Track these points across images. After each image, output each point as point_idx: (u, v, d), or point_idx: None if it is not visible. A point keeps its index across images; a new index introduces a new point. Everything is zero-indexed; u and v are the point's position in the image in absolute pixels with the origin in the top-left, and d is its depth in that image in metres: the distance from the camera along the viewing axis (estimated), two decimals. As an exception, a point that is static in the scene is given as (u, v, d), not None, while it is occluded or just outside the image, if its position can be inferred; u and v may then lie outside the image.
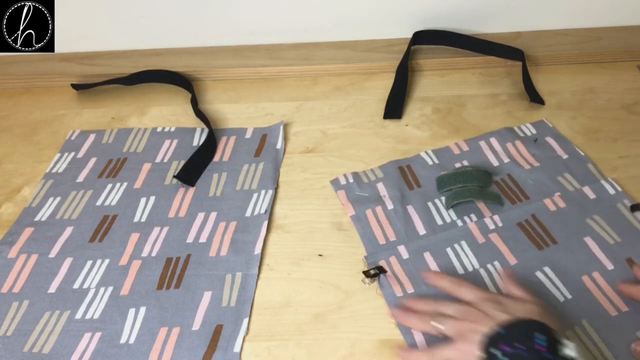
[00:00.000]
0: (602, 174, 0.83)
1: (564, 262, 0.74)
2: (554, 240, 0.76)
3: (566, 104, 0.96)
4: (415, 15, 1.07)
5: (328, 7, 1.07)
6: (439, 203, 0.82)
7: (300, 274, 0.75)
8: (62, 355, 0.70)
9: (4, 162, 0.95)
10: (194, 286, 0.75)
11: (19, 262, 0.80)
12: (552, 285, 0.71)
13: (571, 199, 0.80)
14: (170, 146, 0.94)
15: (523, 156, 0.87)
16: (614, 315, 0.68)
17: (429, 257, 0.76)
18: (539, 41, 1.06)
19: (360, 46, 1.09)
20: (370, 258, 0.76)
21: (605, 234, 0.76)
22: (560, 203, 0.80)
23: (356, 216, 0.81)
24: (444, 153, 0.89)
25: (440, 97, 0.99)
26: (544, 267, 0.73)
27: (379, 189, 0.84)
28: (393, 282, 0.73)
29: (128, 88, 1.06)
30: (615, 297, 0.69)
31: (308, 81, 1.05)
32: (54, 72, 1.09)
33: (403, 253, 0.76)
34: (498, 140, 0.90)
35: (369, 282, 0.74)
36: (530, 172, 0.84)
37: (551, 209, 0.79)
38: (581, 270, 0.72)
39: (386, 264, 0.76)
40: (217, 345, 0.69)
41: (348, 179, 0.86)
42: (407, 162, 0.88)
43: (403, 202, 0.82)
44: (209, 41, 1.11)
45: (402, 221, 0.80)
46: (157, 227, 0.82)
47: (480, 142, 0.90)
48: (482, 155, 0.88)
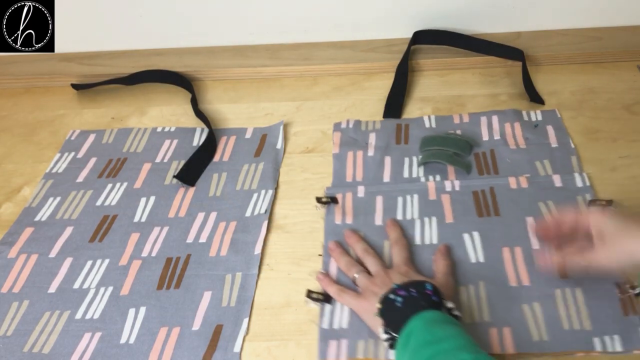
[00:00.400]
0: (581, 167, 0.84)
1: (495, 232, 0.77)
2: (497, 213, 0.79)
3: (566, 104, 0.96)
4: (415, 15, 1.07)
5: (328, 7, 1.07)
6: (414, 160, 0.88)
7: (300, 274, 0.75)
8: (62, 355, 0.70)
9: (4, 162, 0.95)
10: (194, 286, 0.75)
11: (19, 262, 0.79)
12: (471, 247, 0.75)
13: (536, 182, 0.82)
14: (170, 146, 0.94)
15: (515, 137, 0.89)
16: (512, 286, 0.71)
17: (379, 201, 0.82)
18: (539, 41, 1.06)
19: (360, 46, 1.09)
20: (330, 190, 0.84)
21: (548, 217, 0.77)
22: (523, 184, 0.82)
23: (338, 154, 0.89)
24: (444, 120, 0.94)
25: (440, 97, 0.99)
26: (474, 232, 0.77)
27: (370, 138, 0.91)
28: (338, 212, 0.81)
29: (128, 88, 1.06)
30: (523, 272, 0.72)
31: (308, 81, 1.05)
32: (54, 72, 1.09)
33: (360, 192, 0.84)
34: (499, 119, 0.92)
35: (319, 207, 0.82)
36: (512, 152, 0.87)
37: (512, 186, 0.82)
38: (506, 242, 0.76)
39: (342, 197, 0.83)
40: (217, 345, 0.69)
41: (349, 124, 0.94)
42: (407, 122, 0.94)
43: (384, 153, 0.89)
44: (209, 41, 1.11)
45: (374, 167, 0.87)
46: (157, 227, 0.82)
47: (482, 117, 0.93)
48: (476, 128, 0.92)
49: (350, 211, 0.81)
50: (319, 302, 0.71)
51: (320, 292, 0.72)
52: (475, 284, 0.72)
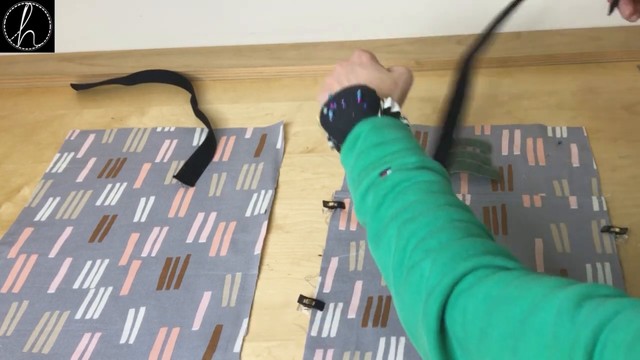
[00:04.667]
0: (600, 191, 0.81)
1: None
2: (505, 231, 0.76)
3: (566, 104, 0.96)
4: (415, 16, 1.07)
5: (328, 7, 1.06)
6: None
7: (300, 274, 0.75)
8: (61, 355, 0.70)
9: (4, 162, 0.95)
10: (194, 286, 0.75)
11: (18, 262, 0.79)
12: None
13: (550, 203, 0.79)
14: (170, 146, 0.94)
15: (536, 153, 0.86)
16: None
17: None
18: (539, 41, 1.06)
19: (360, 46, 1.08)
20: (339, 194, 0.83)
21: (558, 241, 0.74)
22: (537, 203, 0.79)
23: None
24: (465, 130, 0.89)
25: (440, 97, 0.99)
26: None
27: None
28: (343, 218, 0.80)
29: (128, 88, 1.06)
30: None
31: (308, 81, 1.05)
32: (54, 72, 1.09)
33: None
34: (522, 133, 0.90)
35: (325, 212, 0.81)
36: (530, 169, 0.84)
37: (525, 205, 0.79)
38: None
39: (349, 202, 0.82)
40: (217, 346, 0.69)
41: None
42: (427, 129, 0.92)
43: None
44: (209, 41, 1.11)
45: None
46: (157, 227, 0.82)
47: (504, 130, 0.90)
48: (497, 141, 0.89)
49: (354, 218, 0.79)
50: (311, 308, 0.71)
51: (312, 298, 0.72)
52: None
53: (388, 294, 0.71)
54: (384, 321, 0.69)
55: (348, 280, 0.73)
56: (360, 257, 0.76)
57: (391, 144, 0.59)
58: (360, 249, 0.76)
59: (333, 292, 0.72)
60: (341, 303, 0.71)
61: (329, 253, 0.77)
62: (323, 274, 0.74)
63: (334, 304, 0.71)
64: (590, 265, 0.72)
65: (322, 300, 0.71)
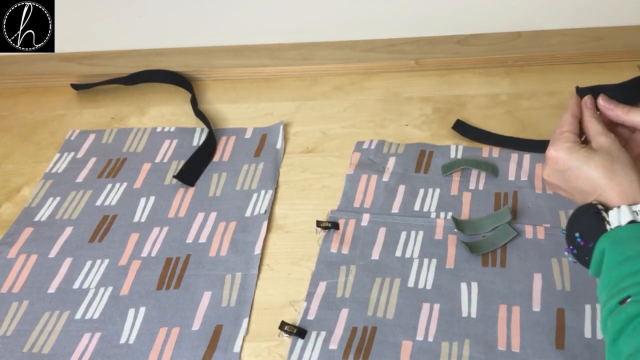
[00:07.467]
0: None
1: (496, 285, 0.71)
2: (503, 264, 0.73)
3: (566, 104, 0.96)
4: (415, 15, 1.07)
5: (328, 7, 1.06)
6: (430, 192, 0.82)
7: (300, 274, 0.75)
8: (61, 355, 0.70)
9: (4, 162, 0.95)
10: (194, 286, 0.75)
11: (18, 262, 0.79)
12: (466, 299, 0.70)
13: (554, 235, 0.75)
14: (170, 146, 0.94)
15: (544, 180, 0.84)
16: (499, 350, 0.65)
17: (382, 232, 0.77)
18: (539, 41, 1.06)
19: (360, 46, 1.09)
20: (334, 214, 0.80)
21: (558, 277, 0.71)
22: (539, 234, 0.76)
23: (351, 176, 0.85)
24: (471, 152, 0.87)
25: (440, 97, 0.99)
26: (473, 282, 0.71)
27: (389, 162, 0.87)
28: (335, 240, 0.77)
29: (128, 88, 1.06)
30: (515, 336, 0.66)
31: (308, 81, 1.05)
32: (53, 72, 1.09)
33: (364, 220, 0.79)
34: (531, 158, 0.86)
35: (319, 232, 0.78)
36: (537, 197, 0.80)
37: (527, 236, 0.75)
38: (505, 299, 0.69)
39: (344, 222, 0.79)
40: (217, 346, 0.69)
41: (371, 145, 0.90)
42: (433, 148, 0.89)
43: (399, 180, 0.84)
44: (209, 41, 1.11)
45: (385, 195, 0.82)
46: (157, 227, 0.82)
47: (512, 154, 0.86)
48: (504, 165, 0.85)
49: (349, 240, 0.77)
50: (292, 336, 0.68)
51: (294, 325, 0.69)
52: (460, 341, 0.66)
53: (373, 325, 0.68)
54: (366, 355, 0.66)
55: (334, 308, 0.70)
56: (349, 282, 0.73)
57: (632, 262, 0.54)
58: (350, 274, 0.73)
59: (317, 320, 0.69)
60: (324, 332, 0.68)
61: (317, 277, 0.74)
62: (309, 299, 0.71)
63: (317, 333, 0.68)
64: (589, 306, 0.68)
65: (304, 328, 0.69)
